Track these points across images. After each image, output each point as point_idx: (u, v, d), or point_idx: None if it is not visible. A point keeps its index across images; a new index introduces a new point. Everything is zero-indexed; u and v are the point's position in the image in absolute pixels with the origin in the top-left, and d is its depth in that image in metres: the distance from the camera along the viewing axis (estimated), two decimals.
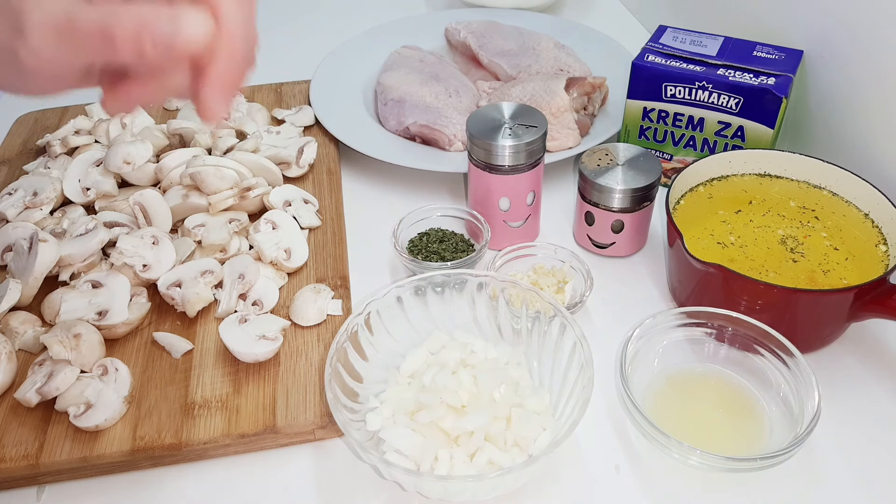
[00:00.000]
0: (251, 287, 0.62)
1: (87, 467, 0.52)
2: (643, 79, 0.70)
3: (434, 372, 0.53)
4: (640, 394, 0.53)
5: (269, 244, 0.65)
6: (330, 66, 0.92)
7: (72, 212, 0.70)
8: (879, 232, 0.60)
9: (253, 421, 0.53)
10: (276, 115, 0.85)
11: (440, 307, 0.58)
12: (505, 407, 0.51)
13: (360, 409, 0.52)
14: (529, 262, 0.66)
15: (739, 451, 0.51)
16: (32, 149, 0.82)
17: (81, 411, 0.52)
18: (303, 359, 0.58)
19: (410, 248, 0.67)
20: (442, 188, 0.78)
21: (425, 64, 0.89)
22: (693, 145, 0.72)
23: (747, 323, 0.54)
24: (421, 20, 1.03)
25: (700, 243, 0.61)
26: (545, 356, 0.56)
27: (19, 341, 0.59)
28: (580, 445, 0.54)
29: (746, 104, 0.66)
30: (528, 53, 0.89)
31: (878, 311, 0.54)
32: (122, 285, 0.60)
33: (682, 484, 0.51)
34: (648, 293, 0.65)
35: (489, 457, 0.48)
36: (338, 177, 0.77)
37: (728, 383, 0.56)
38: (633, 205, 0.64)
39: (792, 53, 0.69)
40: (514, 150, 0.62)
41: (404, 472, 0.45)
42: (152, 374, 0.57)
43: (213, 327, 0.60)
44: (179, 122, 0.77)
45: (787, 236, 0.62)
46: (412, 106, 0.80)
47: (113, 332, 0.59)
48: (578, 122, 0.77)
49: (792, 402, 0.52)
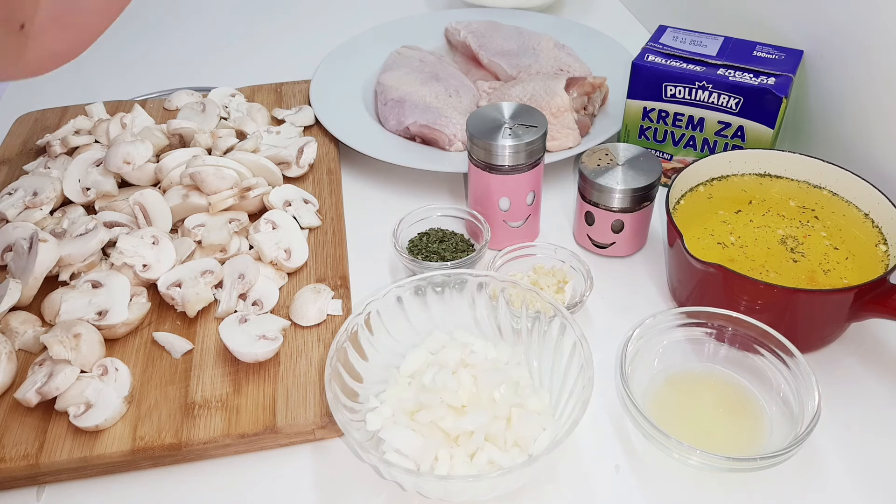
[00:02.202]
0: (251, 287, 0.62)
1: (87, 467, 0.52)
2: (643, 79, 0.70)
3: (434, 372, 0.53)
4: (640, 394, 0.53)
5: (269, 244, 0.65)
6: (330, 66, 0.92)
7: (72, 212, 0.70)
8: (879, 232, 0.60)
9: (253, 421, 0.53)
10: (276, 115, 0.85)
11: (440, 307, 0.58)
12: (505, 407, 0.51)
13: (360, 409, 0.52)
14: (529, 262, 0.66)
15: (739, 451, 0.51)
16: (32, 149, 0.82)
17: (81, 411, 0.52)
18: (303, 359, 0.58)
19: (410, 248, 0.67)
20: (442, 188, 0.78)
21: (425, 64, 0.89)
22: (693, 145, 0.72)
23: (747, 323, 0.54)
24: (421, 20, 1.03)
25: (700, 243, 0.61)
26: (545, 356, 0.56)
27: (19, 341, 0.59)
28: (580, 445, 0.54)
29: (746, 104, 0.66)
30: (528, 53, 0.89)
31: (878, 311, 0.54)
32: (122, 285, 0.60)
33: (682, 484, 0.51)
34: (648, 293, 0.65)
35: (489, 457, 0.48)
36: (338, 177, 0.77)
37: (728, 383, 0.56)
38: (633, 205, 0.64)
39: (792, 53, 0.69)
40: (514, 150, 0.62)
41: (404, 472, 0.45)
42: (152, 374, 0.57)
43: (213, 327, 0.60)
44: (179, 122, 0.76)
45: (787, 236, 0.62)
46: (412, 106, 0.80)
47: (113, 332, 0.59)
48: (578, 122, 0.77)
49: (792, 402, 0.52)
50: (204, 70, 1.01)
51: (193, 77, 0.98)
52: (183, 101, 0.87)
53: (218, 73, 1.00)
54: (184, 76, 0.98)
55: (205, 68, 1.02)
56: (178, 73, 0.99)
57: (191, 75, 0.99)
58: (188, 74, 0.99)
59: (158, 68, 0.94)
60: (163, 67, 0.95)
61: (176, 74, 0.97)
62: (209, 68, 1.02)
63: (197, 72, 1.01)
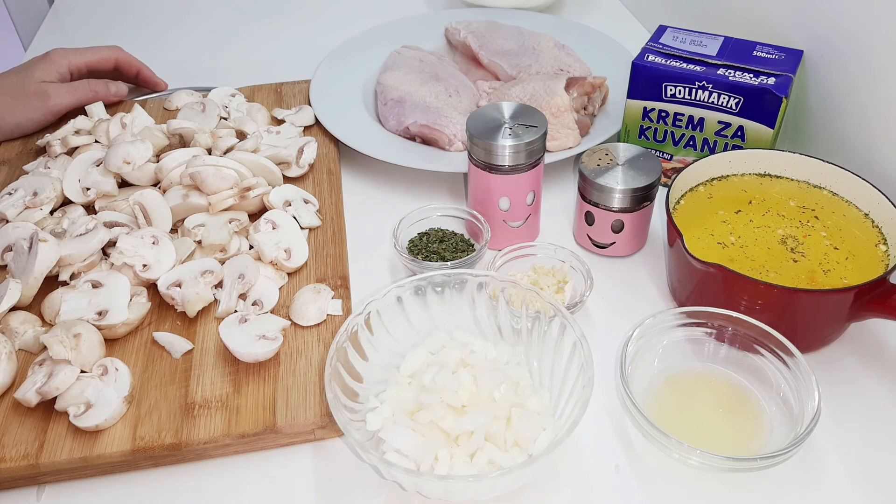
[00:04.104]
0: (251, 287, 0.62)
1: (87, 467, 0.52)
2: (643, 79, 0.70)
3: (434, 372, 0.53)
4: (640, 394, 0.53)
5: (269, 244, 0.65)
6: (330, 66, 0.92)
7: (72, 212, 0.70)
8: (879, 232, 0.60)
9: (253, 421, 0.53)
10: (276, 115, 0.85)
11: (440, 307, 0.58)
12: (505, 407, 0.51)
13: (360, 409, 0.52)
14: (529, 261, 0.66)
15: (739, 451, 0.51)
16: (32, 149, 0.82)
17: (81, 411, 0.52)
18: (303, 359, 0.58)
19: (410, 248, 0.67)
20: (442, 188, 0.78)
21: (425, 64, 0.89)
22: (693, 145, 0.72)
23: (747, 323, 0.54)
24: (421, 20, 1.03)
25: (700, 243, 0.61)
26: (545, 356, 0.55)
27: (19, 341, 0.59)
28: (580, 445, 0.54)
29: (746, 104, 0.66)
30: (528, 53, 0.89)
31: (878, 311, 0.54)
32: (122, 285, 0.60)
33: (682, 484, 0.51)
34: (648, 293, 0.65)
35: (489, 457, 0.48)
36: (338, 177, 0.77)
37: (728, 383, 0.56)
38: (633, 205, 0.64)
39: (792, 53, 0.69)
40: (514, 150, 0.62)
41: (404, 472, 0.45)
42: (152, 374, 0.57)
43: (213, 327, 0.60)
44: (179, 122, 0.76)
45: (787, 236, 0.62)
46: (412, 106, 0.80)
47: (113, 332, 0.59)
48: (578, 121, 0.77)
49: (792, 402, 0.52)
50: (204, 70, 1.01)
51: (193, 77, 0.98)
52: (183, 101, 0.87)
53: (218, 73, 1.00)
54: (184, 76, 0.98)
55: (205, 68, 1.02)
56: (178, 73, 0.99)
57: (191, 75, 0.99)
58: (188, 74, 0.99)
59: (159, 68, 0.94)
60: (163, 67, 0.95)
61: (176, 74, 0.97)
62: (209, 68, 1.02)
63: (197, 72, 1.01)
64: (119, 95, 0.88)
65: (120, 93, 0.88)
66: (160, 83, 0.93)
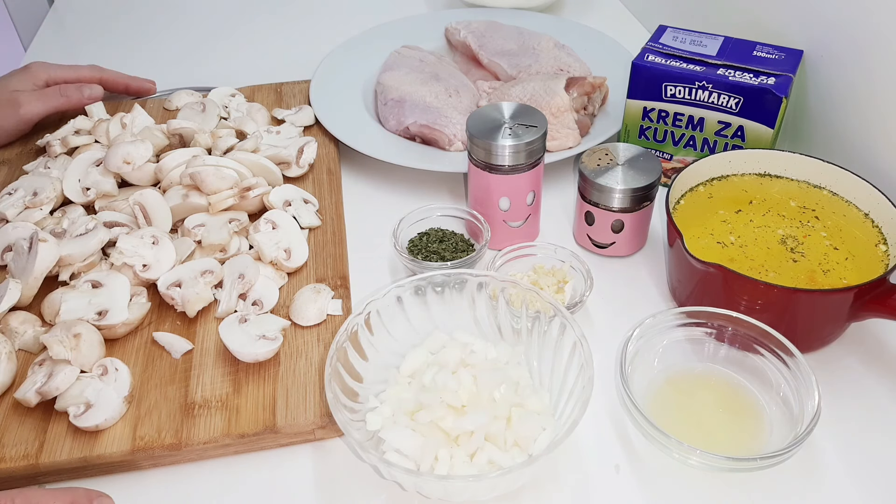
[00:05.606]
0: (251, 287, 0.62)
1: (87, 467, 0.52)
2: (643, 79, 0.70)
3: (434, 372, 0.53)
4: (640, 394, 0.53)
5: (269, 244, 0.65)
6: (330, 66, 0.92)
7: (72, 212, 0.70)
8: (879, 232, 0.60)
9: (253, 421, 0.53)
10: (276, 115, 0.85)
11: (440, 307, 0.58)
12: (505, 407, 0.51)
13: (360, 409, 0.52)
14: (529, 261, 0.66)
15: (739, 451, 0.51)
16: (32, 149, 0.82)
17: (81, 411, 0.52)
18: (303, 359, 0.58)
19: (410, 248, 0.67)
20: (442, 188, 0.78)
21: (425, 64, 0.89)
22: (693, 145, 0.72)
23: (747, 323, 0.54)
24: (421, 20, 1.03)
25: (700, 243, 0.61)
26: (545, 356, 0.55)
27: (19, 341, 0.59)
28: (580, 445, 0.54)
29: (746, 104, 0.66)
30: (528, 53, 0.89)
31: (878, 311, 0.54)
32: (122, 285, 0.60)
33: (682, 484, 0.51)
34: (648, 293, 0.65)
35: (489, 457, 0.48)
36: (338, 177, 0.77)
37: (728, 383, 0.56)
38: (633, 205, 0.64)
39: (792, 53, 0.69)
40: (514, 150, 0.62)
41: (404, 472, 0.45)
42: (152, 374, 0.57)
43: (213, 327, 0.60)
44: (179, 122, 0.76)
45: (787, 236, 0.62)
46: (412, 106, 0.80)
47: (113, 332, 0.59)
48: (578, 121, 0.77)
49: (792, 402, 0.52)
50: (204, 70, 1.01)
51: (193, 77, 0.98)
52: (183, 101, 0.87)
53: (218, 73, 1.00)
54: (184, 76, 0.98)
55: (205, 68, 1.02)
56: (177, 73, 0.99)
57: (191, 75, 0.99)
58: (188, 74, 0.99)
59: (158, 68, 0.94)
60: (163, 67, 0.95)
61: (176, 74, 0.97)
62: (209, 68, 1.02)
63: (197, 72, 1.01)
64: (93, 98, 0.85)
65: (94, 95, 0.85)
66: (151, 88, 0.92)
